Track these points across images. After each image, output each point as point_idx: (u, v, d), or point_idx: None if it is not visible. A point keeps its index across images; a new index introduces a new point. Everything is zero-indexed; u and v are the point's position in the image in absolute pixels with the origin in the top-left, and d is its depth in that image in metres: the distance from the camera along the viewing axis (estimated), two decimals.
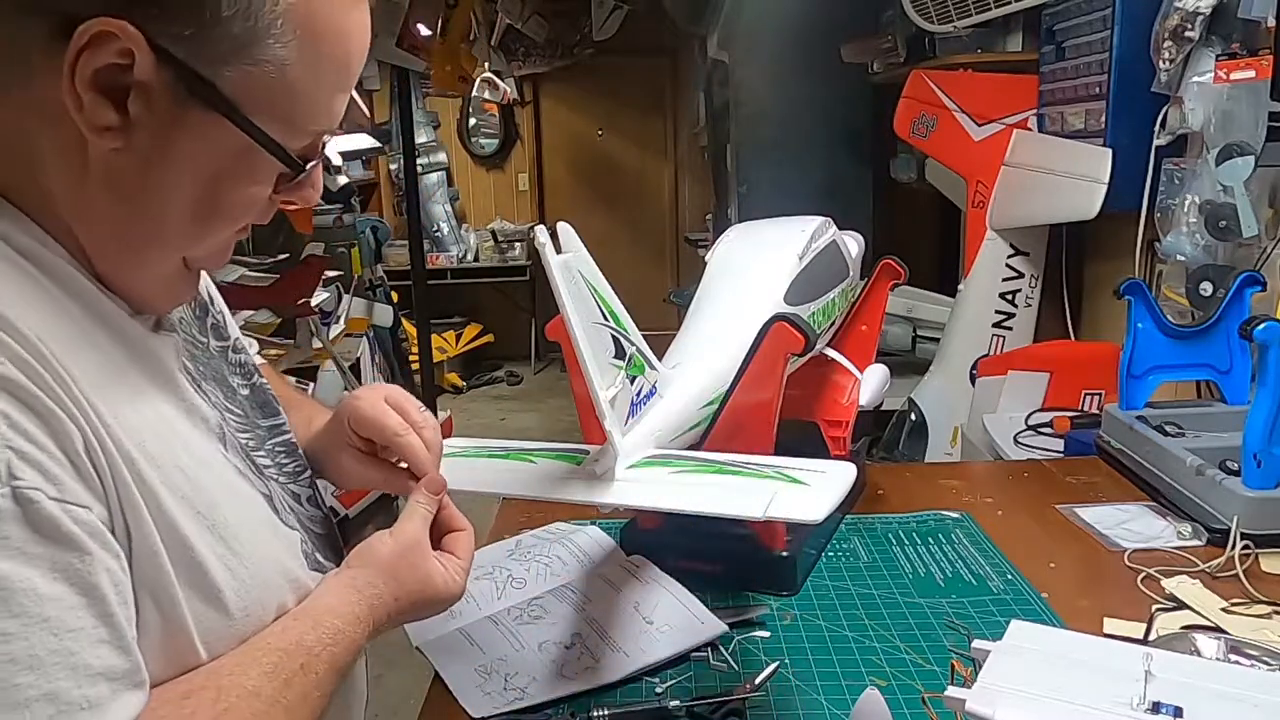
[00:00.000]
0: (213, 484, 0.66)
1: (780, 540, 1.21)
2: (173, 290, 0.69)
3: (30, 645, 0.51)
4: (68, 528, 0.54)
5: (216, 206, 0.64)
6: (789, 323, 1.09)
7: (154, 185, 0.61)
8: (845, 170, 3.70)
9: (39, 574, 0.52)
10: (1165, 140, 1.96)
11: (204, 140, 0.60)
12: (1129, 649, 0.77)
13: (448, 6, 4.77)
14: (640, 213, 7.24)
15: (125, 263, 0.64)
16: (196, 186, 0.62)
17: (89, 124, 0.57)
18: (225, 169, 0.62)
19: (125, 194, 0.61)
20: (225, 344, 0.79)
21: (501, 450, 1.03)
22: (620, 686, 1.00)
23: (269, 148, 0.62)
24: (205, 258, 0.69)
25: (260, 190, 0.65)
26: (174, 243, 0.65)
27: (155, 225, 0.63)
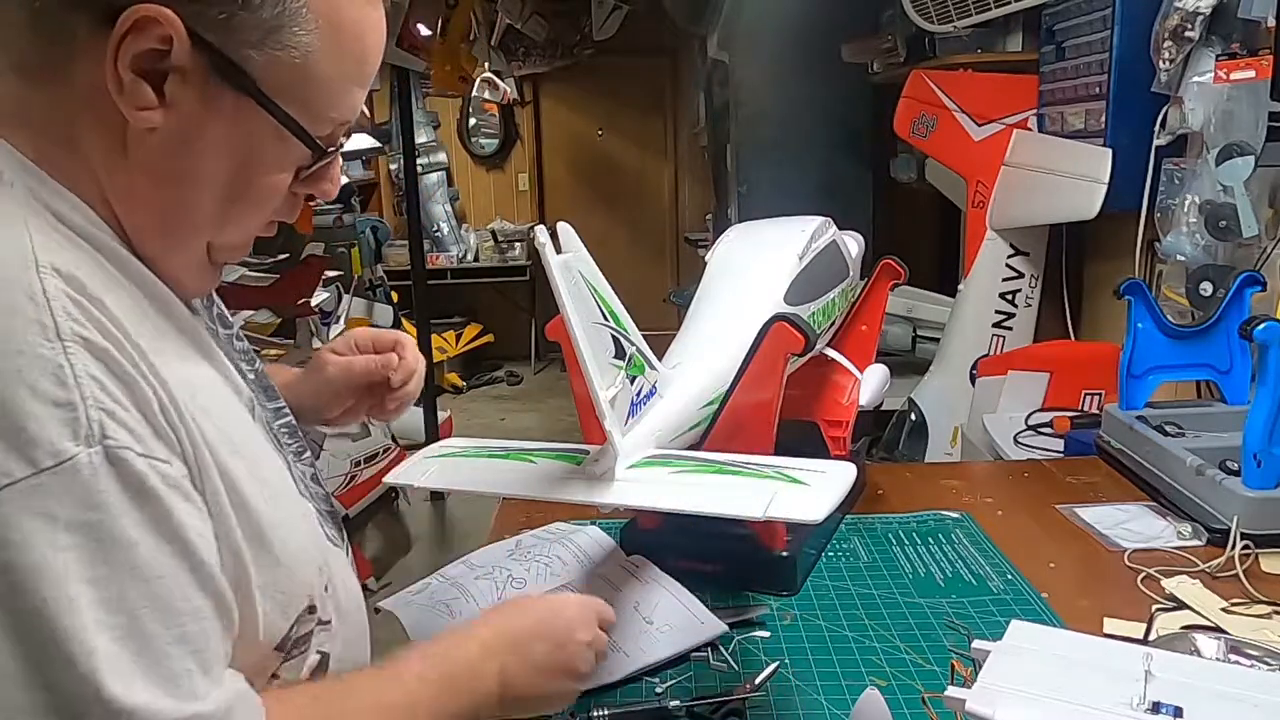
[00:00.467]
0: (253, 444, 0.70)
1: (780, 540, 1.21)
2: (200, 278, 0.72)
3: (122, 590, 0.55)
4: (153, 482, 0.57)
5: (244, 191, 0.67)
6: (789, 323, 1.09)
7: (188, 167, 0.65)
8: (845, 170, 3.70)
9: (130, 525, 0.56)
10: (1165, 140, 1.96)
11: (233, 123, 0.64)
12: (1129, 649, 0.77)
13: (448, 6, 4.77)
14: (640, 213, 7.23)
15: (161, 246, 0.67)
16: (226, 170, 0.65)
17: (130, 104, 0.61)
18: (252, 152, 0.66)
19: (161, 176, 0.64)
20: (230, 332, 0.82)
21: (501, 450, 1.03)
22: (620, 686, 1.00)
23: (291, 128, 0.65)
24: (229, 248, 0.72)
25: (284, 178, 0.69)
26: (205, 227, 0.68)
27: (189, 208, 0.66)
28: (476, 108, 6.86)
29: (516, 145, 7.21)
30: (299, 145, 0.67)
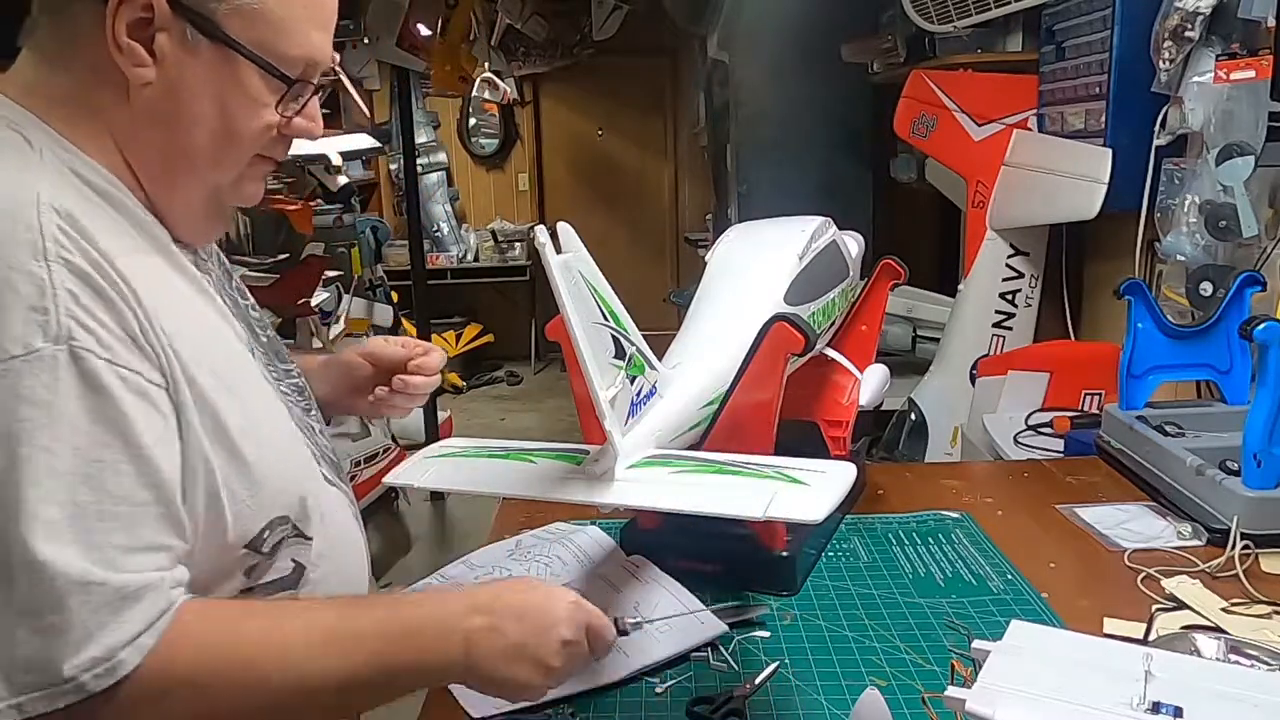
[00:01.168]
0: (239, 371, 0.81)
1: (780, 540, 1.21)
2: (208, 221, 0.84)
3: (66, 463, 0.64)
4: (108, 380, 0.67)
5: (232, 129, 0.78)
6: (789, 323, 1.09)
7: (178, 110, 0.76)
8: (845, 170, 3.70)
9: (79, 410, 0.65)
10: (1165, 140, 1.96)
11: (211, 67, 0.76)
12: (1129, 649, 0.77)
13: (448, 6, 4.77)
14: (640, 213, 7.23)
15: (167, 185, 0.79)
16: (212, 109, 0.77)
17: (128, 64, 0.73)
18: (230, 91, 0.77)
19: (159, 119, 0.76)
20: (247, 302, 0.93)
21: (501, 450, 1.03)
22: (620, 686, 1.00)
23: (258, 62, 0.76)
24: (231, 188, 0.82)
25: (265, 113, 0.79)
26: (202, 164, 0.79)
27: (186, 146, 0.77)
28: (476, 108, 6.86)
29: (516, 145, 7.20)
30: (271, 80, 0.78)
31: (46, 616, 0.62)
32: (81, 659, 0.63)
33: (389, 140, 5.49)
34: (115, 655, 0.64)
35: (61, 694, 0.62)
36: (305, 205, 4.05)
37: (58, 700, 0.62)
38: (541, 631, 0.78)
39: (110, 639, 0.64)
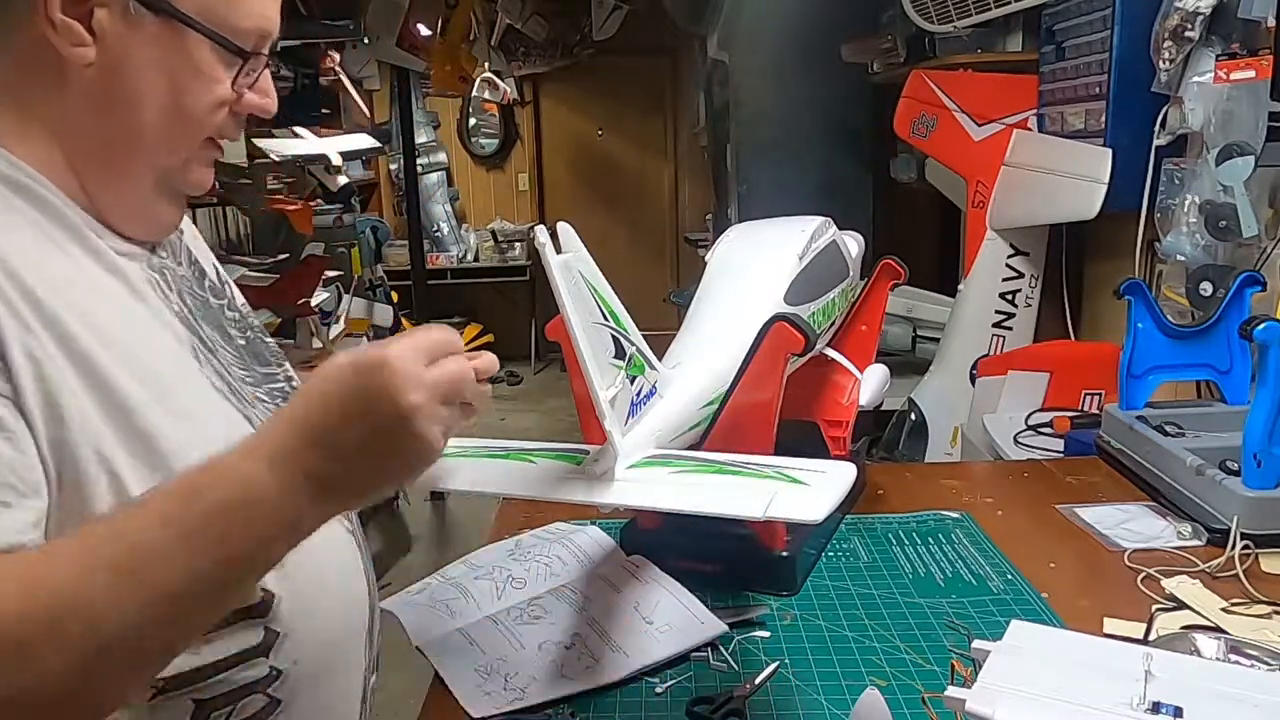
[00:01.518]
0: (164, 367, 0.73)
1: (780, 540, 1.21)
2: (159, 210, 0.78)
3: None
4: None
5: (182, 108, 0.73)
6: (789, 323, 1.09)
7: (123, 90, 0.71)
8: (845, 170, 3.70)
9: None
10: (1165, 140, 1.96)
11: (157, 42, 0.71)
12: (1129, 649, 0.77)
13: (448, 6, 4.78)
14: (640, 213, 7.23)
15: (113, 174, 0.74)
16: (160, 87, 0.72)
17: (66, 43, 0.69)
18: (179, 67, 0.72)
19: (101, 103, 0.71)
20: (222, 302, 0.87)
21: (501, 450, 1.02)
22: (620, 686, 1.00)
23: (206, 34, 0.72)
24: (181, 172, 0.77)
25: (217, 89, 0.74)
26: (150, 148, 0.74)
27: (132, 130, 0.73)
28: (476, 108, 6.86)
29: (516, 145, 7.20)
30: (222, 52, 0.73)
31: None
32: None
33: (389, 140, 5.49)
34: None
35: None
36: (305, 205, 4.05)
37: None
38: (388, 419, 0.60)
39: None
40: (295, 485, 0.60)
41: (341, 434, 0.61)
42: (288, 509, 0.61)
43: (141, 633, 0.58)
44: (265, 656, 0.75)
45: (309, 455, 0.61)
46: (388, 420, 0.60)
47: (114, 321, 0.71)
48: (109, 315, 0.71)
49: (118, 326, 0.71)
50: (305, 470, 0.61)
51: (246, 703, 0.75)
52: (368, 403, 0.60)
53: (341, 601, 0.85)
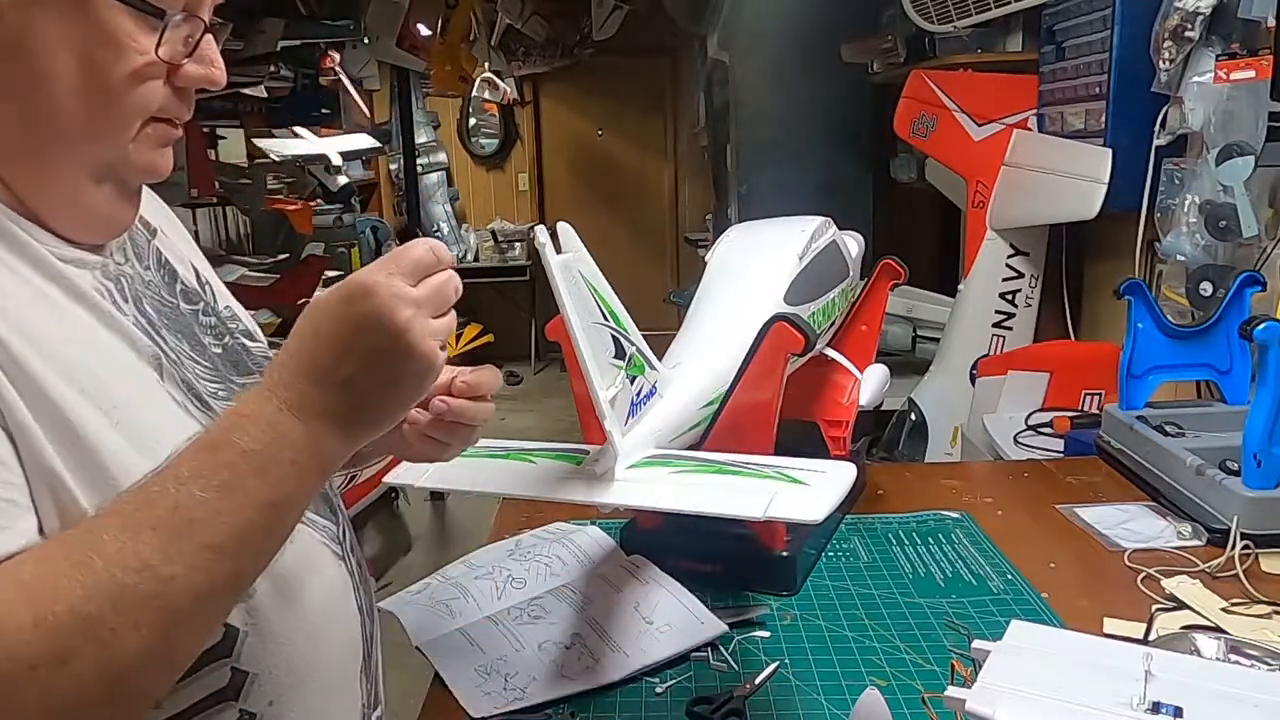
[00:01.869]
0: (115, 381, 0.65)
1: (780, 540, 1.21)
2: (101, 209, 0.69)
3: None
4: None
5: (105, 86, 0.64)
6: (789, 323, 1.09)
7: (30, 70, 0.62)
8: (845, 170, 3.70)
9: None
10: (1165, 140, 1.96)
11: (61, 13, 0.62)
12: (1129, 649, 0.77)
13: (448, 6, 4.78)
14: (640, 213, 7.23)
15: (35, 168, 0.65)
16: (73, 64, 0.63)
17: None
18: (91, 37, 0.63)
19: (7, 87, 0.62)
20: (195, 307, 0.79)
21: (501, 450, 1.02)
22: (620, 686, 1.00)
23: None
24: (125, 161, 0.68)
25: (142, 61, 0.65)
26: (74, 134, 0.65)
27: (48, 116, 0.64)
28: (476, 108, 6.87)
29: (516, 145, 7.21)
30: (139, 16, 0.64)
31: None
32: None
33: (389, 140, 5.50)
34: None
35: None
36: (305, 205, 4.05)
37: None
38: (383, 341, 0.61)
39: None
40: (315, 428, 0.61)
41: (342, 367, 0.61)
42: (314, 448, 0.61)
43: (202, 584, 0.57)
44: (235, 700, 0.68)
45: (318, 394, 0.61)
46: (384, 341, 0.61)
47: (54, 333, 0.63)
48: (49, 326, 0.63)
49: (58, 338, 0.63)
50: (318, 410, 0.61)
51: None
52: (360, 330, 0.61)
53: (325, 634, 0.76)
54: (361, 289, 0.61)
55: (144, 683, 0.57)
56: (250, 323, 0.87)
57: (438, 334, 0.64)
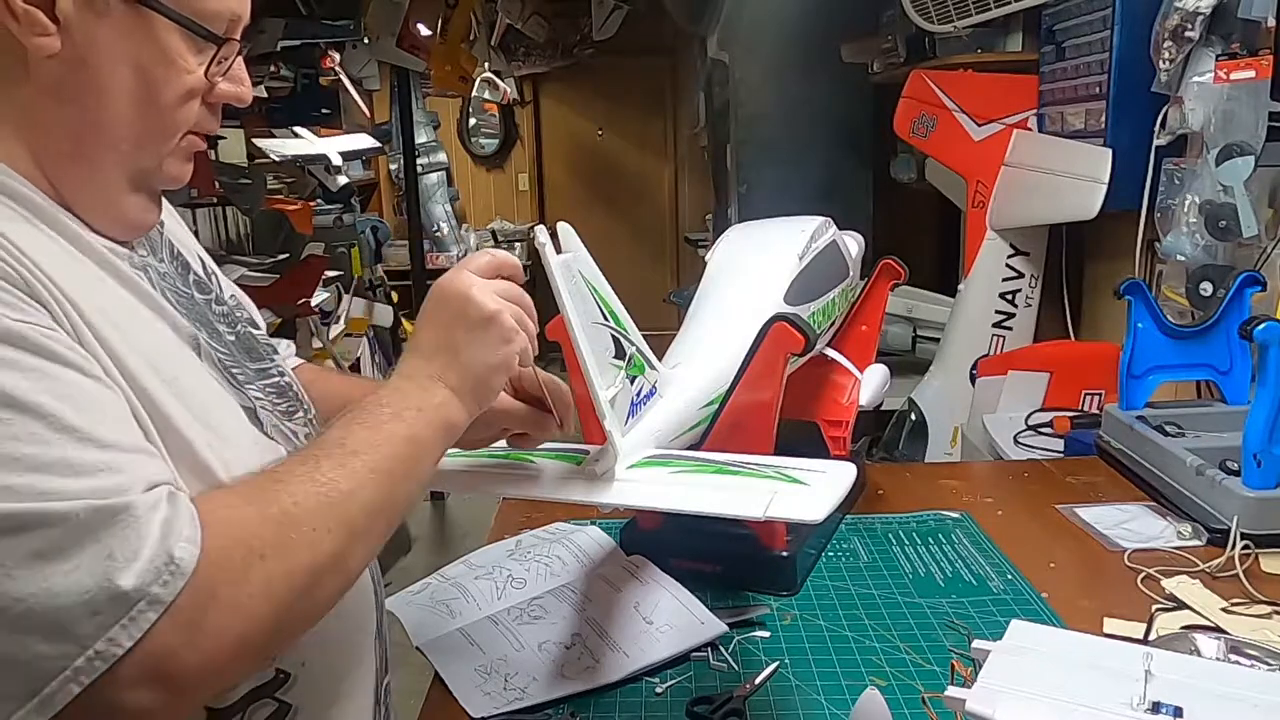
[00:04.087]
0: (179, 368, 0.71)
1: (780, 540, 1.21)
2: (133, 209, 0.74)
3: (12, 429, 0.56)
4: (32, 335, 0.59)
5: (156, 99, 0.70)
6: (789, 323, 1.09)
7: (91, 81, 0.68)
8: (845, 170, 3.70)
9: (3, 372, 0.56)
10: (1165, 140, 1.96)
11: (125, 30, 0.68)
12: (1129, 649, 0.77)
13: (448, 6, 4.77)
14: (640, 213, 7.24)
15: (82, 170, 0.70)
16: (129, 77, 0.69)
17: (28, 34, 0.65)
18: (149, 55, 0.69)
19: (68, 94, 0.68)
20: (208, 297, 0.84)
21: (501, 451, 1.02)
22: (620, 686, 1.00)
23: (176, 19, 0.69)
24: (155, 170, 0.74)
25: (189, 78, 0.71)
26: (121, 142, 0.70)
27: (101, 123, 0.69)
28: (476, 108, 6.87)
29: (516, 145, 7.21)
30: (192, 39, 0.70)
31: (77, 556, 0.55)
32: (138, 568, 0.55)
33: (389, 140, 5.50)
34: (172, 555, 0.57)
35: (140, 614, 0.55)
36: (305, 205, 4.05)
37: (139, 623, 0.55)
38: (474, 318, 0.77)
39: (152, 539, 0.57)
40: (426, 384, 0.76)
41: (435, 338, 0.78)
42: (429, 400, 0.76)
43: (369, 500, 0.69)
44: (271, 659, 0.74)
45: (422, 363, 0.77)
46: (456, 304, 0.77)
47: (118, 310, 0.69)
48: (112, 304, 0.68)
49: (122, 315, 0.69)
50: (425, 374, 0.77)
51: (256, 708, 0.73)
52: (438, 303, 0.79)
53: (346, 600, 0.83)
54: (437, 281, 0.80)
55: (329, 586, 0.66)
56: (253, 310, 0.92)
57: (502, 293, 0.79)
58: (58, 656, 0.54)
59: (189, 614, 0.57)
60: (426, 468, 0.75)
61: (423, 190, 5.97)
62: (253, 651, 0.62)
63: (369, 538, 0.69)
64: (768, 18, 3.68)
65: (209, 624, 0.58)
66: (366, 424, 0.72)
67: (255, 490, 0.65)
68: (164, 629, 0.56)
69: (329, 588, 0.66)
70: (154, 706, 0.57)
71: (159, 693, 0.57)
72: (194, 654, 0.57)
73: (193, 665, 0.57)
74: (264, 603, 0.60)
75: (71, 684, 0.54)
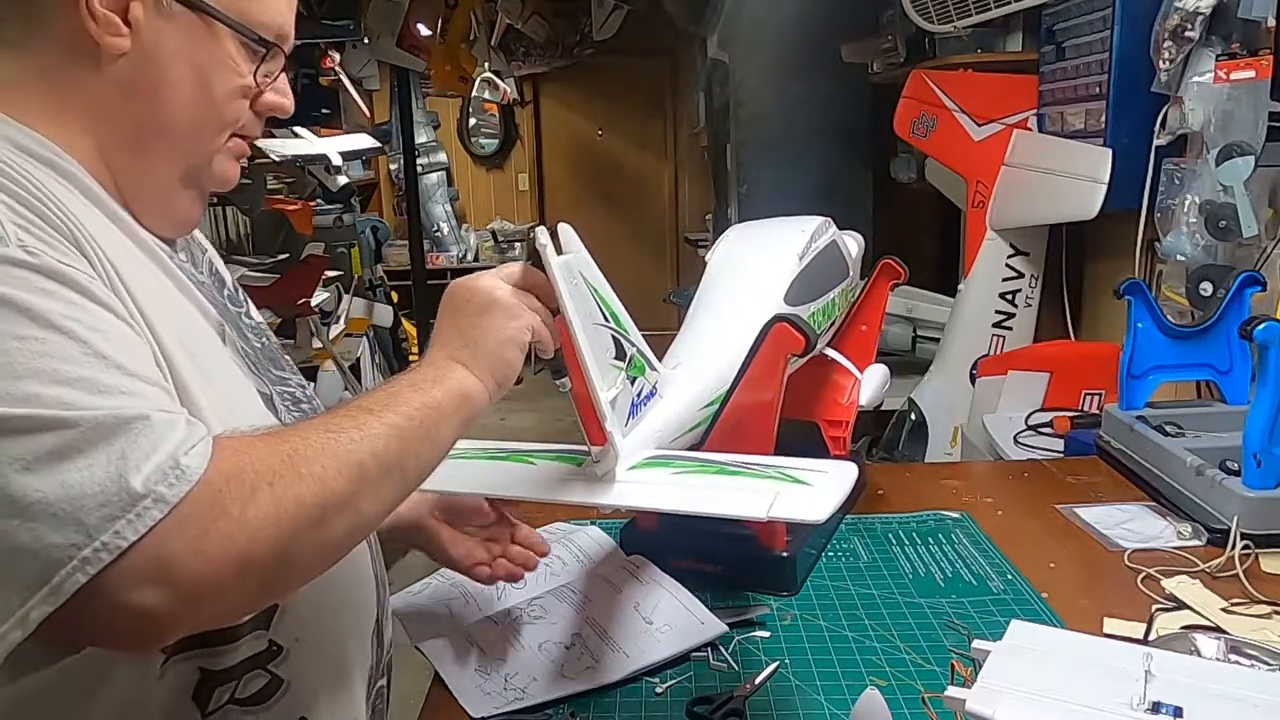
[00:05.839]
0: (205, 350, 0.77)
1: (781, 540, 1.21)
2: (182, 204, 0.82)
3: (45, 348, 0.60)
4: (74, 275, 0.64)
5: (209, 95, 0.78)
6: (790, 323, 1.09)
7: (154, 77, 0.76)
8: (845, 170, 3.70)
9: (40, 296, 0.61)
10: (1165, 140, 1.96)
11: (187, 35, 0.76)
12: (1129, 649, 0.77)
13: (448, 6, 4.78)
14: (640, 213, 7.24)
15: (140, 159, 0.78)
16: (188, 75, 0.77)
17: (105, 34, 0.73)
18: (206, 57, 0.77)
19: (133, 89, 0.75)
20: (240, 310, 0.91)
21: (502, 452, 1.03)
22: (620, 686, 1.00)
23: (232, 25, 0.77)
24: (205, 167, 0.81)
25: (240, 80, 0.79)
26: (178, 137, 0.78)
27: (160, 117, 0.77)
28: (476, 108, 6.86)
29: (516, 145, 7.21)
30: (244, 46, 0.79)
31: (92, 455, 0.59)
32: (148, 470, 0.59)
33: (389, 140, 5.50)
34: (179, 460, 0.60)
35: (145, 510, 0.58)
36: (305, 205, 4.05)
37: (145, 519, 0.58)
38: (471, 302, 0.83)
39: (165, 448, 0.60)
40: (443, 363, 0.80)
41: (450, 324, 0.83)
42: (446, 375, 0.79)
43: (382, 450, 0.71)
44: (265, 629, 0.77)
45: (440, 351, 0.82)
46: (464, 294, 0.84)
47: (153, 285, 0.74)
48: (148, 280, 0.74)
49: (155, 289, 0.74)
50: (444, 356, 0.81)
51: (249, 678, 0.76)
52: (452, 296, 0.85)
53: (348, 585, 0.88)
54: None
55: (338, 525, 0.67)
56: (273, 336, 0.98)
57: (508, 277, 0.85)
58: (67, 546, 0.57)
59: (197, 523, 0.60)
60: (443, 433, 0.77)
61: (423, 190, 5.97)
62: (257, 573, 0.63)
63: (381, 487, 0.71)
64: (768, 18, 3.68)
65: (215, 533, 0.60)
66: (383, 390, 0.76)
67: (267, 433, 0.69)
68: (171, 531, 0.59)
69: (338, 527, 0.67)
70: (158, 609, 0.59)
71: (163, 596, 0.59)
72: (199, 562, 0.60)
73: (196, 573, 0.60)
74: (270, 526, 0.62)
75: (79, 573, 0.57)
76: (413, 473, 0.75)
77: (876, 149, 3.71)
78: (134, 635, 0.62)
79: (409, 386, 0.77)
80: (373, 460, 0.69)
